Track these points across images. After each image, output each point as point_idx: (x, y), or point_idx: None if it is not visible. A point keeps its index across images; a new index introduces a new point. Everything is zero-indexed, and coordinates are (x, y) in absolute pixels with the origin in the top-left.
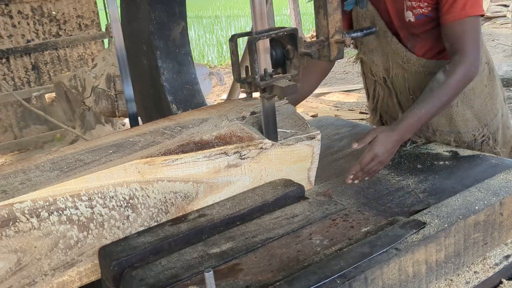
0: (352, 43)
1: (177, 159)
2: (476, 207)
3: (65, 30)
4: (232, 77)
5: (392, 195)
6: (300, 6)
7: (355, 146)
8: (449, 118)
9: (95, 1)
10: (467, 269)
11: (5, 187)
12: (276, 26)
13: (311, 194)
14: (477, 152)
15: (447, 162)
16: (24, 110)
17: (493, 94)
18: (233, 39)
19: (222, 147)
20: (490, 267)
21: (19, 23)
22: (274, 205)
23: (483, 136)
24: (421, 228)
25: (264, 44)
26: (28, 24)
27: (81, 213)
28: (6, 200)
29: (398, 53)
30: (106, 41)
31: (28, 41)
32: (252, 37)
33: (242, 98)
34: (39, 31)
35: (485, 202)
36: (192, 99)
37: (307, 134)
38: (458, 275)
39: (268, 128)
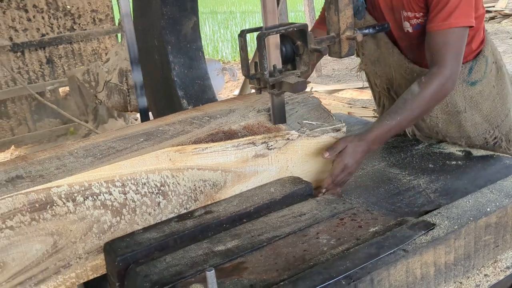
0: (356, 48)
1: (206, 147)
2: (488, 209)
3: (79, 24)
4: None
5: (403, 194)
6: (314, 2)
7: (326, 155)
8: (457, 125)
9: None
10: (477, 272)
11: (41, 172)
12: (290, 22)
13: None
14: (491, 152)
15: (459, 162)
16: (38, 103)
17: (503, 94)
18: (242, 35)
19: (250, 137)
20: (501, 270)
21: (34, 17)
22: (282, 203)
23: (495, 138)
24: (430, 230)
25: (274, 40)
26: (43, 18)
27: (115, 198)
28: (43, 184)
29: (401, 64)
30: (120, 35)
31: (43, 35)
32: (261, 32)
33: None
34: (54, 25)
35: (497, 203)
36: (202, 95)
37: (333, 126)
38: (468, 278)
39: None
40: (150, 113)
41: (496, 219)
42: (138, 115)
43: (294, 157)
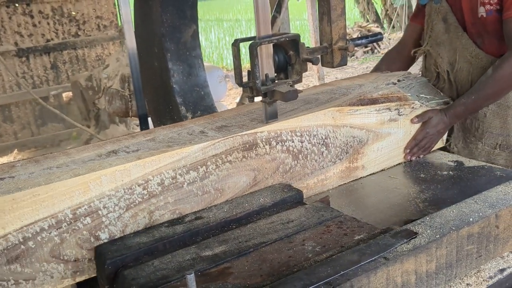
0: (425, 28)
1: (357, 110)
2: (471, 219)
3: (84, 30)
4: None
5: (392, 203)
6: (317, 10)
7: (414, 121)
8: (503, 120)
9: (114, 2)
10: (459, 281)
11: (242, 123)
12: (294, 30)
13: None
14: (483, 163)
15: (451, 172)
16: (42, 108)
17: None
18: (236, 44)
19: (386, 104)
20: (483, 280)
21: (39, 22)
22: (271, 210)
23: None
24: (412, 238)
25: (267, 50)
26: (48, 23)
27: (295, 145)
28: (251, 129)
29: (467, 47)
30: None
31: (48, 40)
32: (254, 42)
33: (383, 72)
34: (59, 31)
35: (480, 214)
36: (201, 102)
37: (444, 100)
38: (450, 287)
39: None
40: (149, 119)
41: (478, 229)
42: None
43: (416, 124)
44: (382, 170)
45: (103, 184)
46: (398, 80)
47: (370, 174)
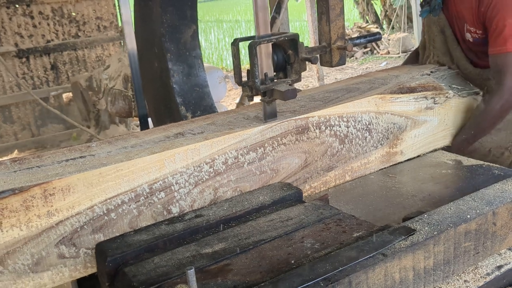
0: (427, 42)
1: (397, 98)
2: (468, 216)
3: (84, 31)
4: None
5: (391, 201)
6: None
7: None
8: (509, 132)
9: (114, 3)
10: (457, 277)
11: (295, 108)
12: (294, 31)
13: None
14: (481, 162)
15: (449, 171)
16: (42, 109)
17: None
18: (235, 43)
19: (423, 93)
20: (481, 277)
21: (39, 23)
22: (271, 208)
23: None
24: (410, 235)
25: (266, 49)
26: (48, 24)
27: (342, 130)
28: (304, 114)
29: (459, 60)
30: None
31: (48, 41)
32: (253, 41)
33: (414, 65)
34: (59, 32)
35: (478, 211)
36: (201, 102)
37: (474, 90)
38: (448, 283)
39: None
40: (149, 120)
41: (476, 226)
42: None
43: (448, 112)
44: (418, 156)
45: (176, 161)
46: (431, 72)
47: (406, 160)
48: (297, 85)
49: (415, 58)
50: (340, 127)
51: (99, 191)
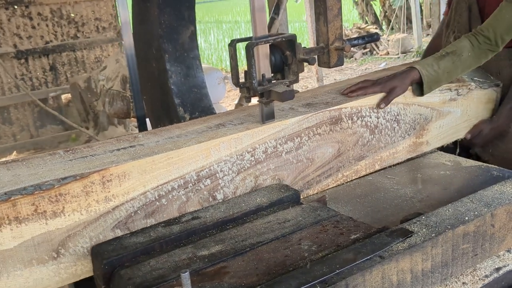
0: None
1: None
2: (466, 218)
3: (83, 32)
4: None
5: (389, 203)
6: None
7: (468, 136)
8: (507, 141)
9: (113, 4)
10: (455, 280)
11: (327, 100)
12: (293, 32)
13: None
14: (479, 163)
15: (448, 172)
16: (41, 110)
17: None
18: (232, 44)
19: (448, 84)
20: (479, 279)
21: (38, 24)
22: (268, 210)
23: None
24: (408, 237)
25: (264, 50)
26: (47, 25)
27: (372, 121)
28: (337, 105)
29: None
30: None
31: (47, 42)
32: (250, 42)
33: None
34: (58, 33)
35: (476, 213)
36: (199, 103)
37: (495, 83)
38: (446, 285)
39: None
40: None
41: (474, 228)
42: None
43: (471, 103)
44: (442, 146)
45: (221, 150)
46: None
47: (430, 151)
48: (295, 86)
49: (434, 50)
50: (370, 118)
51: (152, 178)
